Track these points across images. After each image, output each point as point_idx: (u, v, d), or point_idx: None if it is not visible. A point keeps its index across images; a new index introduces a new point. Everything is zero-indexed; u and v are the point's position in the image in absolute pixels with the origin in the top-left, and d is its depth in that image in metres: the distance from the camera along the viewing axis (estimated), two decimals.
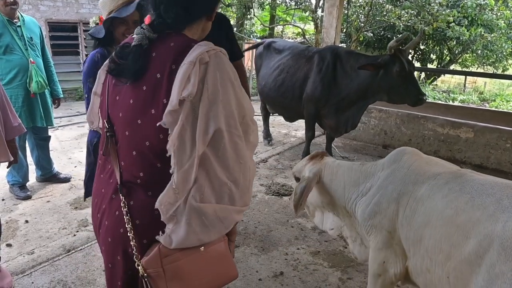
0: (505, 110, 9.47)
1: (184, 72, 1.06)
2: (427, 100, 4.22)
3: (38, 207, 3.68)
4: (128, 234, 1.17)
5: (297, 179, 2.26)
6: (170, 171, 1.08)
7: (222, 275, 1.23)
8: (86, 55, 8.77)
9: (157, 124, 1.08)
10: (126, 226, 1.17)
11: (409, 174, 1.71)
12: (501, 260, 1.17)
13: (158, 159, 1.12)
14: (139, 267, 1.14)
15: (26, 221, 3.40)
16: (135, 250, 1.16)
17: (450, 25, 10.32)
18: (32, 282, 2.61)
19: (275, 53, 5.19)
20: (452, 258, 1.34)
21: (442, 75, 15.14)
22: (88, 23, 8.73)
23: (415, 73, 14.32)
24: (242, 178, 1.12)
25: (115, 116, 1.23)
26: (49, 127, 4.14)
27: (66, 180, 4.29)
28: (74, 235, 3.21)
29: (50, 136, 4.23)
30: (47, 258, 2.86)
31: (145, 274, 1.13)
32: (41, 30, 3.99)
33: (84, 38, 8.73)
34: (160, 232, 1.13)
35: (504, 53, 12.96)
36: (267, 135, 5.94)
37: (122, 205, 1.18)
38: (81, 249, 3.00)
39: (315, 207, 2.29)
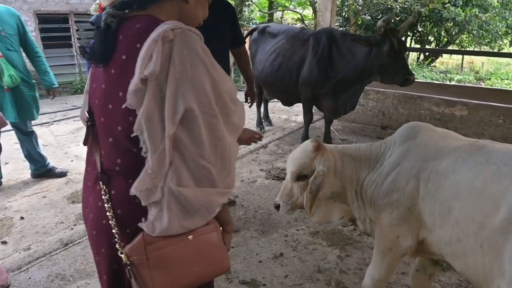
0: (499, 88, 9.53)
1: (146, 50, 1.00)
2: (422, 80, 4.22)
3: (33, 203, 3.61)
4: (110, 222, 1.11)
5: (301, 178, 1.98)
6: (142, 153, 1.03)
7: (213, 267, 1.17)
8: (79, 47, 8.65)
9: (123, 106, 1.03)
10: (107, 214, 1.11)
11: (427, 150, 1.70)
12: None
13: (133, 143, 1.06)
14: (122, 255, 1.08)
15: (22, 218, 3.33)
16: (117, 238, 1.10)
17: (446, 6, 10.23)
18: (29, 278, 2.56)
19: (270, 37, 5.11)
20: (485, 227, 1.37)
21: (441, 57, 15.11)
22: (79, 14, 8.61)
23: (415, 54, 14.29)
24: (220, 160, 1.06)
25: (93, 104, 1.18)
26: (31, 121, 3.99)
27: (62, 174, 4.21)
28: (72, 228, 3.15)
29: (32, 131, 4.05)
30: (44, 253, 2.80)
31: (128, 262, 1.07)
32: (20, 21, 3.75)
33: (77, 30, 8.55)
34: (143, 219, 1.07)
35: (500, 33, 12.93)
36: (260, 123, 5.83)
37: (103, 193, 1.13)
38: (79, 242, 2.94)
39: (320, 201, 2.06)
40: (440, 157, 1.63)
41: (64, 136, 5.66)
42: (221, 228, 1.21)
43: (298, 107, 5.57)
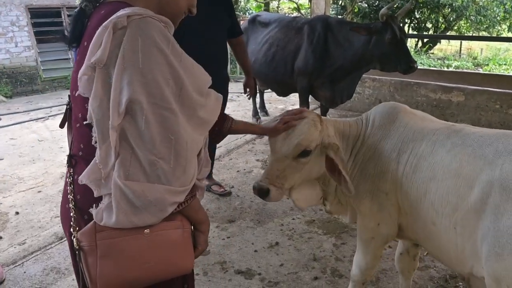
0: (496, 73, 9.48)
1: (97, 36, 0.98)
2: (420, 67, 4.17)
3: (29, 198, 3.60)
4: (69, 205, 1.11)
5: (304, 154, 1.65)
6: (93, 143, 1.02)
7: (170, 265, 1.10)
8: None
9: (76, 94, 1.04)
10: (69, 197, 1.11)
11: (406, 132, 1.68)
12: (503, 199, 1.25)
13: (91, 131, 1.04)
14: (74, 239, 1.07)
15: (17, 213, 3.33)
16: (73, 222, 1.09)
17: None
18: (25, 272, 2.56)
19: (261, 26, 5.01)
20: (459, 209, 1.39)
21: (439, 43, 15.02)
22: (72, 7, 8.51)
23: (413, 40, 14.17)
24: (174, 156, 1.00)
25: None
26: None
27: None
28: None
29: None
30: (39, 247, 2.80)
31: (77, 247, 1.05)
32: None
33: (69, 24, 8.50)
34: (94, 206, 1.05)
35: (497, 18, 12.83)
36: (255, 113, 5.82)
37: (68, 176, 1.13)
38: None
39: (306, 182, 1.81)
40: (419, 139, 1.62)
41: (59, 131, 5.58)
42: (192, 227, 1.18)
43: (295, 96, 5.52)
